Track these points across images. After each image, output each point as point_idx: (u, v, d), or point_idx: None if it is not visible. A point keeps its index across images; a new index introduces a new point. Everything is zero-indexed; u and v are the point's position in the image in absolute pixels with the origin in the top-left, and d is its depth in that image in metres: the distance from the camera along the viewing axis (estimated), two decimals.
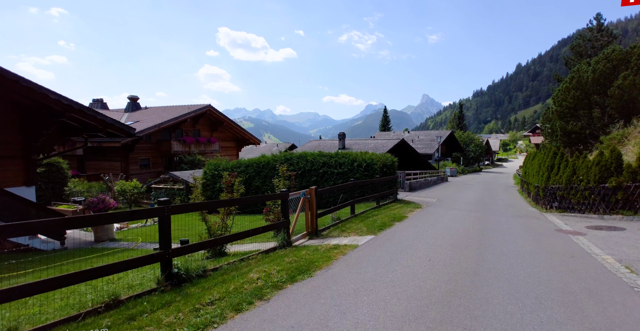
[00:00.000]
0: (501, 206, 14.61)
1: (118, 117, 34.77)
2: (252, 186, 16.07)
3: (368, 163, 14.33)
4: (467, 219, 10.26)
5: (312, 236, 7.67)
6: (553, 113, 22.50)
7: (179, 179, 20.31)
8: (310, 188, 7.77)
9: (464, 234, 7.92)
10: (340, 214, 9.95)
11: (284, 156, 15.83)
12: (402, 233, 7.70)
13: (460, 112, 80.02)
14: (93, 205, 11.39)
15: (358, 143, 28.95)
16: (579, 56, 34.86)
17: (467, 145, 57.84)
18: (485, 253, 6.20)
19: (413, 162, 32.15)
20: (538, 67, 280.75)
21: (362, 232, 7.58)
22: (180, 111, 33.13)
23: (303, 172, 15.10)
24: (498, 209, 13.39)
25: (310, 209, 7.74)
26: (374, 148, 26.24)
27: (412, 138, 53.21)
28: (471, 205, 14.10)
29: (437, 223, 9.18)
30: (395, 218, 9.48)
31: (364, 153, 14.93)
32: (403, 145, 28.28)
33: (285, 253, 5.65)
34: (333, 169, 14.70)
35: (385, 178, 13.11)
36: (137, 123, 31.31)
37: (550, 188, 12.93)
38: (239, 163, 16.76)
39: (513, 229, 8.94)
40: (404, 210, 11.35)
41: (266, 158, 16.29)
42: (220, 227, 6.81)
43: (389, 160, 14.31)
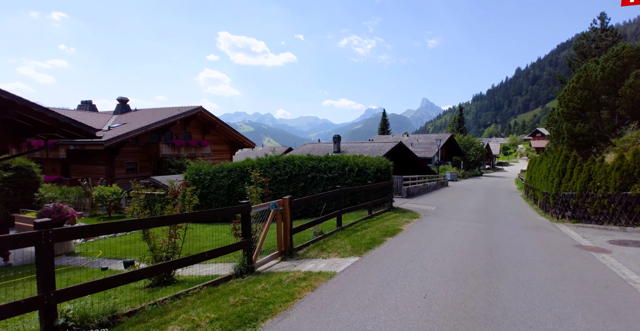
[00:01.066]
0: (507, 214, 13.29)
1: (105, 119, 33.56)
2: (236, 192, 14.76)
3: (360, 168, 13.03)
4: (471, 232, 8.93)
5: (286, 256, 6.33)
6: (559, 114, 21.25)
7: (160, 184, 18.99)
8: (284, 199, 6.45)
9: (468, 253, 6.59)
10: (324, 227, 8.62)
11: (270, 160, 14.52)
12: (394, 253, 6.36)
13: (460, 115, 78.87)
14: (47, 214, 10.05)
15: (354, 146, 27.68)
16: (582, 57, 33.70)
17: (467, 148, 56.59)
18: (496, 283, 4.87)
19: (412, 166, 30.83)
20: (537, 71, 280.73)
21: (345, 252, 6.24)
22: (170, 113, 31.90)
23: (290, 177, 13.79)
24: (504, 218, 12.06)
25: (284, 223, 6.42)
26: (370, 152, 24.96)
27: (411, 142, 51.95)
28: (474, 214, 12.78)
29: (437, 238, 7.84)
30: (387, 231, 8.14)
31: (356, 157, 13.62)
32: (401, 149, 26.98)
33: (236, 287, 4.31)
34: (322, 174, 13.39)
35: (378, 184, 11.81)
36: (124, 126, 30.08)
37: (562, 196, 11.61)
38: (221, 167, 15.46)
39: (525, 245, 7.61)
40: (399, 220, 10.01)
41: (251, 161, 14.99)
42: (167, 248, 5.50)
43: (383, 164, 13.02)
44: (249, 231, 5.40)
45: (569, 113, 20.47)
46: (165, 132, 32.44)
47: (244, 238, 5.34)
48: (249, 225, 5.42)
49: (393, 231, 8.29)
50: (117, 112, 37.19)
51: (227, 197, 14.93)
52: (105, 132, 28.39)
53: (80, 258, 9.76)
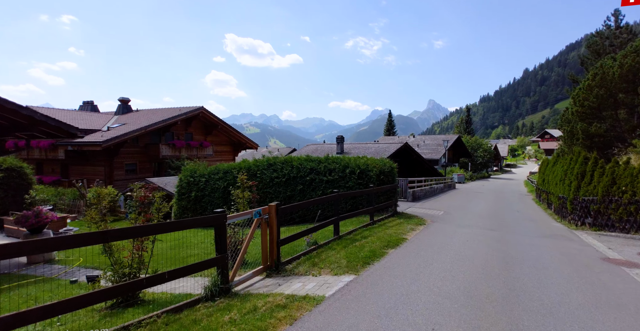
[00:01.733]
0: (520, 220, 12.35)
1: (106, 119, 33.11)
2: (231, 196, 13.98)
3: (362, 170, 12.19)
4: (483, 241, 8.04)
5: (271, 272, 5.52)
6: (573, 114, 20.22)
7: (156, 186, 18.27)
8: (270, 205, 5.64)
9: (482, 269, 5.73)
10: (320, 235, 7.81)
11: (267, 161, 13.75)
12: (396, 269, 5.52)
13: (467, 115, 77.60)
14: (24, 219, 9.36)
15: (358, 147, 26.83)
16: (596, 55, 32.50)
17: (475, 150, 55.39)
18: (518, 311, 4.01)
19: (418, 168, 29.89)
20: (546, 71, 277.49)
21: (339, 268, 5.40)
22: (171, 113, 31.34)
23: (288, 180, 12.99)
24: (517, 225, 11.14)
25: (270, 234, 5.62)
26: (374, 153, 24.09)
27: (418, 143, 50.94)
28: (485, 220, 11.87)
29: (445, 250, 6.97)
30: (390, 242, 7.29)
31: (358, 158, 12.78)
32: (406, 150, 26.06)
33: (199, 317, 3.50)
34: (322, 176, 12.57)
35: (381, 188, 10.95)
36: (124, 126, 29.56)
37: (581, 201, 10.66)
38: (217, 168, 14.72)
39: (546, 258, 6.71)
40: (403, 228, 9.15)
41: (247, 163, 14.23)
42: (132, 263, 4.72)
43: (387, 166, 12.17)
44: (224, 245, 4.59)
45: (584, 112, 19.44)
46: (165, 132, 31.89)
47: (217, 254, 4.54)
48: (224, 239, 4.62)
49: (396, 241, 7.44)
50: (119, 112, 36.77)
51: (222, 200, 14.19)
52: (104, 132, 27.90)
53: (58, 266, 9.04)
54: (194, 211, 14.88)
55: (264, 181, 13.32)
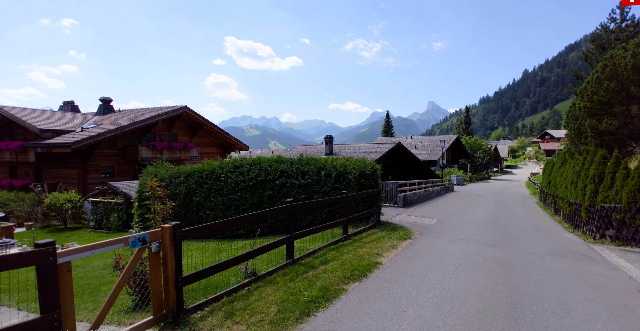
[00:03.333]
0: (526, 230, 10.51)
1: (83, 120, 31.36)
2: (193, 202, 12.21)
3: (339, 173, 10.37)
4: (481, 266, 6.21)
5: (168, 324, 3.70)
6: (580, 110, 18.42)
7: (119, 191, 16.49)
8: (163, 228, 3.82)
9: (479, 316, 3.91)
10: (269, 259, 5.99)
11: (233, 163, 11.92)
12: (348, 324, 3.69)
13: (466, 116, 75.82)
14: None
15: (348, 147, 25.04)
16: (601, 49, 30.73)
17: (474, 151, 53.56)
18: None
19: (413, 170, 28.05)
20: (545, 72, 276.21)
21: (260, 326, 3.57)
22: (153, 113, 29.58)
23: (255, 184, 11.17)
24: (523, 237, 9.30)
25: (164, 270, 3.81)
26: (365, 153, 22.27)
27: (415, 144, 49.17)
28: (484, 231, 10.03)
29: (429, 283, 5.12)
30: (357, 269, 5.46)
31: (335, 160, 10.96)
32: (400, 150, 24.24)
33: None
34: (293, 180, 10.74)
35: (358, 194, 9.12)
36: (99, 127, 27.77)
37: (600, 209, 8.84)
38: (178, 172, 12.90)
39: (567, 294, 4.88)
40: (382, 245, 7.32)
41: (211, 165, 12.41)
42: None
43: (368, 168, 10.34)
44: (55, 298, 2.77)
45: (593, 108, 17.63)
46: (147, 133, 30.11)
47: (42, 313, 2.74)
48: (54, 287, 2.80)
49: (366, 267, 5.59)
50: (99, 112, 35.00)
51: (183, 208, 12.39)
52: (76, 133, 26.12)
53: None
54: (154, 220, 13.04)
55: (228, 186, 11.53)
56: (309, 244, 7.66)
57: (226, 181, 11.64)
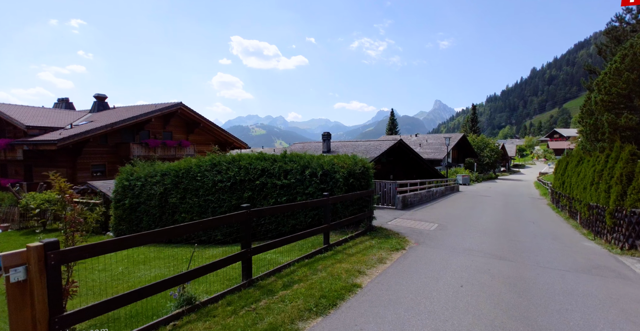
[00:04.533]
0: (539, 238, 9.20)
1: (76, 117, 30.48)
2: (169, 204, 11.07)
3: (326, 171, 9.14)
4: (488, 289, 4.95)
5: None
6: (597, 103, 16.99)
7: (97, 191, 15.42)
8: (29, 248, 2.63)
9: None
10: (225, 277, 4.79)
11: (211, 160, 10.74)
12: None
13: (473, 114, 74.06)
14: None
15: (346, 145, 23.79)
16: (616, 42, 29.09)
17: (481, 150, 51.96)
18: None
19: (416, 169, 26.71)
20: (554, 71, 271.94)
21: None
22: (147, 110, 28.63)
23: (234, 184, 9.98)
24: (537, 246, 8.00)
25: (32, 307, 2.64)
26: (364, 151, 21.01)
27: (420, 142, 47.77)
28: (492, 238, 8.74)
29: (418, 317, 3.87)
30: (326, 295, 4.23)
31: (322, 157, 9.73)
32: (401, 148, 22.92)
33: None
34: (275, 180, 9.53)
35: (346, 196, 7.87)
36: (90, 124, 26.84)
37: (629, 214, 7.51)
38: (154, 170, 11.78)
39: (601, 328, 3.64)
40: (367, 258, 6.08)
41: (188, 163, 11.25)
42: None
43: (359, 166, 9.07)
44: None
45: (611, 101, 16.21)
46: (140, 131, 29.13)
47: None
48: None
49: (339, 292, 4.35)
50: (94, 110, 34.11)
51: (159, 210, 11.27)
52: (65, 130, 25.18)
53: None
54: (129, 222, 11.99)
55: (205, 186, 10.36)
56: (282, 256, 6.45)
57: (203, 180, 10.48)
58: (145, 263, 8.66)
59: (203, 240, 10.70)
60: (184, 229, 4.04)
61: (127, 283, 6.05)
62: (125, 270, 8.01)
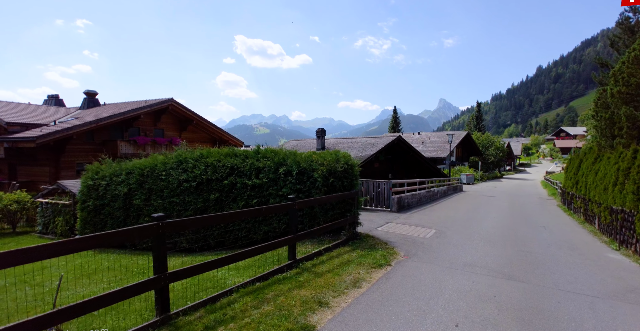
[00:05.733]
0: (553, 247, 7.82)
1: (62, 114, 29.40)
2: (133, 206, 9.80)
3: (303, 170, 7.81)
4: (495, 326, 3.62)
5: None
6: (613, 96, 15.51)
7: (67, 191, 14.21)
8: None
9: None
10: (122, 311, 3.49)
11: (177, 157, 9.44)
12: None
13: (478, 111, 72.32)
14: None
15: (342, 142, 22.43)
16: (629, 32, 27.49)
17: (486, 148, 50.35)
18: None
19: (416, 168, 25.29)
20: (560, 69, 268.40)
21: None
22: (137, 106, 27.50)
23: (200, 184, 8.67)
24: (553, 259, 6.63)
25: None
26: (359, 149, 19.65)
27: (423, 140, 46.31)
28: (497, 248, 7.37)
29: None
30: None
31: (299, 154, 8.40)
32: (401, 145, 21.51)
33: None
34: (246, 179, 8.22)
35: (321, 198, 6.52)
36: (74, 120, 25.69)
37: None
38: (120, 169, 10.51)
39: None
40: (339, 280, 4.76)
41: (153, 160, 9.96)
42: None
43: (340, 163, 7.70)
44: None
45: (630, 93, 14.73)
46: (129, 127, 27.95)
47: None
48: None
49: None
50: (84, 106, 33.00)
51: (123, 212, 10.00)
52: (47, 127, 24.06)
53: None
54: (94, 225, 10.74)
55: (170, 186, 9.07)
56: (236, 275, 5.14)
57: (167, 180, 9.20)
58: (91, 275, 7.41)
59: (168, 247, 9.46)
60: (95, 240, 2.75)
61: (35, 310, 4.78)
62: (63, 284, 6.72)
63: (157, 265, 3.46)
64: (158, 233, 3.40)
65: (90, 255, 9.21)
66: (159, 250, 3.46)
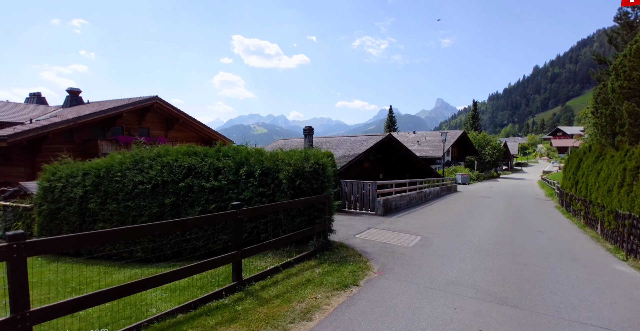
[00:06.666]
0: (553, 258, 6.88)
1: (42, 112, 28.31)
2: (88, 211, 8.79)
3: (266, 170, 6.83)
4: None
5: None
6: (614, 91, 14.62)
7: (29, 193, 13.20)
8: None
9: None
10: None
11: (133, 158, 8.43)
12: None
13: (474, 110, 71.50)
14: None
15: (331, 141, 21.45)
16: (629, 28, 26.70)
17: (482, 147, 49.51)
18: None
19: (409, 167, 24.34)
20: (557, 68, 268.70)
21: None
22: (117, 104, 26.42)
23: (155, 186, 7.66)
24: (553, 274, 5.69)
25: None
26: (348, 148, 18.67)
27: (418, 140, 45.43)
28: (489, 261, 6.42)
29: None
30: None
31: (264, 152, 7.41)
32: (392, 144, 20.55)
33: None
34: (203, 181, 7.23)
35: (282, 204, 5.53)
36: (52, 119, 24.60)
37: None
38: (77, 169, 9.49)
39: None
40: (284, 311, 3.78)
41: (110, 160, 8.95)
42: None
43: (310, 162, 6.68)
44: None
45: (632, 88, 13.83)
46: (112, 126, 26.85)
47: None
48: None
49: None
50: (66, 105, 31.87)
51: (79, 217, 8.98)
52: (22, 126, 22.99)
53: None
54: (49, 231, 9.70)
55: (126, 189, 8.06)
56: (170, 298, 4.16)
57: (123, 182, 8.18)
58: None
59: (124, 256, 8.48)
60: None
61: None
62: None
63: (14, 306, 2.46)
64: (5, 256, 2.40)
65: (43, 265, 8.25)
66: (17, 283, 2.45)
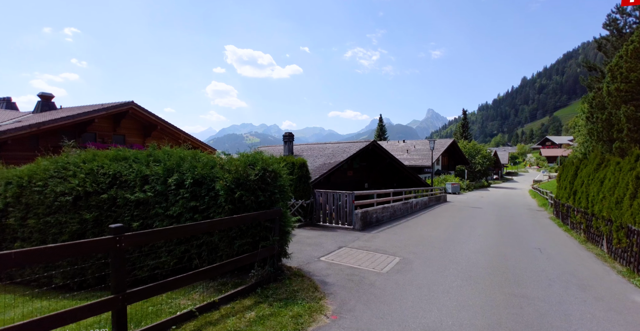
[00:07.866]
0: (557, 285, 5.60)
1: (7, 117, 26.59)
2: (8, 227, 7.32)
3: (200, 179, 5.47)
4: None
5: None
6: (610, 95, 13.63)
7: None
8: None
9: None
10: None
11: (58, 164, 7.03)
12: None
13: (464, 119, 71.12)
14: None
15: (312, 148, 20.15)
16: (618, 34, 26.17)
17: (472, 156, 48.72)
18: None
19: (396, 176, 23.10)
20: (544, 80, 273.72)
21: None
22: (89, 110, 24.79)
23: (77, 198, 6.23)
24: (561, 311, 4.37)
25: None
26: (330, 155, 17.40)
27: (408, 148, 44.48)
28: (480, 292, 5.10)
29: None
30: None
31: (202, 155, 6.08)
32: (376, 151, 19.33)
33: None
34: (128, 192, 5.87)
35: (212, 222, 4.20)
36: (13, 124, 22.91)
37: None
38: (1, 177, 8.00)
39: None
40: None
41: (35, 167, 7.51)
42: None
43: (256, 169, 5.33)
44: None
45: (630, 90, 12.86)
46: (82, 133, 25.19)
47: None
48: None
49: None
50: (37, 110, 30.09)
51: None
52: None
53: None
54: None
55: (47, 201, 6.62)
56: None
57: (44, 192, 6.74)
58: None
59: (43, 282, 7.01)
60: None
61: None
62: None
63: None
64: None
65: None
66: None
